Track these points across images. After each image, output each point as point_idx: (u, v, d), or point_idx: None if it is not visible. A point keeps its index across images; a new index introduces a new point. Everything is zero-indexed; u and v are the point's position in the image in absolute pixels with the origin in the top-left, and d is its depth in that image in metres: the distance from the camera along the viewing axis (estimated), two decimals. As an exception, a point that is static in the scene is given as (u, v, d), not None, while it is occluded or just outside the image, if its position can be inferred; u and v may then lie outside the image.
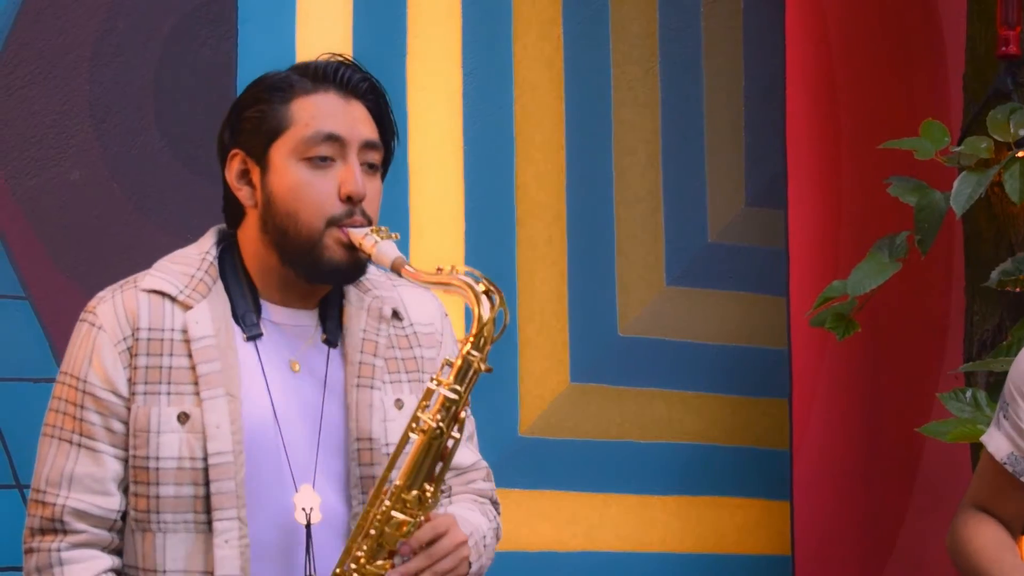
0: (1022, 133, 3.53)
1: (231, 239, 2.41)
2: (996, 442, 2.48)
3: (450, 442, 2.26)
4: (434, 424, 2.24)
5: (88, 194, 3.21)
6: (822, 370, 4.18)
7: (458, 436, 2.26)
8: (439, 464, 2.26)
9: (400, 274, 2.28)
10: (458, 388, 2.25)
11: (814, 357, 4.15)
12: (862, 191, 4.17)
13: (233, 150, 2.38)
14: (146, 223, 3.24)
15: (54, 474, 2.29)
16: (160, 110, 3.28)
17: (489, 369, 2.27)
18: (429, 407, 2.25)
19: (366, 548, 2.24)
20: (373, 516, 2.24)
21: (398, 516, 2.24)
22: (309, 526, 2.28)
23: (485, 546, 2.39)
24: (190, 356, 2.29)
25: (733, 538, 3.95)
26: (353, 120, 2.35)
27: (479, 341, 2.26)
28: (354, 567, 2.24)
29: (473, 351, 2.26)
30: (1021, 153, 3.49)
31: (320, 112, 2.34)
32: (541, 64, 3.75)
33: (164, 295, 2.32)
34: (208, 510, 2.25)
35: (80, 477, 2.28)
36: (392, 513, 2.24)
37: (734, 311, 3.98)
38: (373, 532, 2.24)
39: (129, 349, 2.30)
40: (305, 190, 2.31)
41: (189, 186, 3.26)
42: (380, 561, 2.24)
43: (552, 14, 3.77)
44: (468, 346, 2.26)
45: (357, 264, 2.34)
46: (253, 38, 3.37)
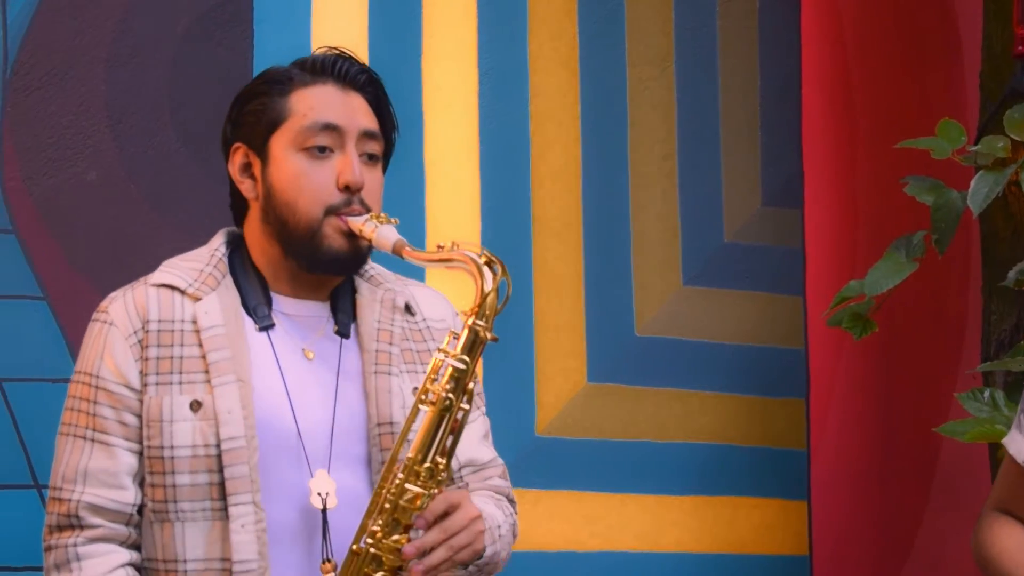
0: (1039, 132, 3.53)
1: (240, 240, 2.43)
2: (1017, 444, 2.47)
3: (460, 414, 2.26)
4: (443, 395, 2.24)
5: (105, 194, 3.22)
6: (839, 370, 4.17)
7: (467, 407, 2.26)
8: (450, 437, 2.26)
9: (401, 256, 2.29)
10: (466, 358, 2.25)
11: (831, 357, 4.14)
12: (878, 191, 4.16)
13: (235, 144, 2.40)
14: (162, 223, 3.25)
15: (69, 471, 2.30)
16: (176, 110, 3.28)
17: (495, 338, 2.27)
18: (438, 379, 2.26)
19: (381, 523, 2.24)
20: (387, 491, 2.25)
21: (412, 489, 2.24)
22: (325, 511, 2.29)
23: (500, 536, 2.39)
24: (200, 345, 2.30)
25: (750, 538, 3.94)
26: (351, 110, 2.37)
27: (483, 312, 2.26)
28: (370, 542, 2.24)
29: (478, 321, 2.26)
30: (1038, 152, 3.48)
31: (318, 103, 2.36)
32: (557, 64, 3.75)
33: (173, 288, 2.35)
34: (224, 496, 2.26)
35: (94, 472, 2.29)
36: (406, 486, 2.24)
37: (751, 311, 3.98)
38: (387, 506, 2.24)
39: (140, 342, 2.31)
40: (303, 180, 2.33)
41: (205, 186, 3.26)
42: (396, 536, 2.24)
43: (568, 14, 3.77)
44: (473, 317, 2.26)
45: (357, 252, 2.35)
46: (269, 39, 3.37)
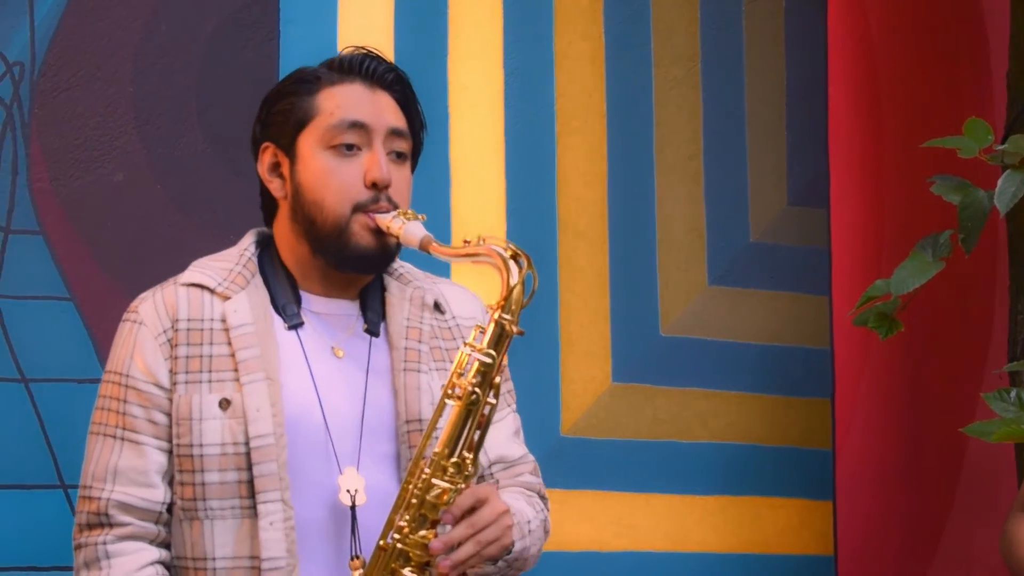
0: (1066, 131, 3.51)
1: (270, 239, 2.44)
2: (1045, 445, 2.47)
3: (486, 408, 2.26)
4: (470, 389, 2.24)
5: (132, 195, 3.22)
6: (865, 370, 4.16)
7: (494, 402, 2.26)
8: (477, 432, 2.26)
9: (428, 252, 2.29)
10: (492, 352, 2.26)
11: (857, 357, 4.13)
12: (905, 190, 4.15)
13: (264, 143, 2.42)
14: (189, 224, 3.26)
15: (99, 469, 2.31)
16: (203, 112, 3.29)
17: (521, 332, 2.27)
18: (464, 374, 2.26)
19: (408, 518, 2.24)
20: (414, 486, 2.25)
21: (439, 484, 2.23)
22: (354, 507, 2.29)
23: (530, 531, 2.38)
24: (229, 344, 2.31)
25: (775, 538, 3.94)
26: (379, 108, 2.38)
27: (509, 305, 2.26)
28: (397, 537, 2.24)
29: (504, 314, 2.26)
30: (1066, 151, 3.46)
31: (345, 101, 2.37)
32: (582, 64, 3.74)
33: (203, 288, 2.36)
34: (253, 494, 2.27)
35: (124, 470, 2.30)
36: (433, 481, 2.23)
37: (776, 311, 3.97)
38: (414, 501, 2.24)
39: (169, 340, 2.33)
40: (331, 177, 2.34)
41: (232, 187, 3.27)
42: (423, 531, 2.24)
43: (593, 14, 3.76)
44: (499, 311, 2.26)
45: (385, 249, 2.36)
46: (295, 40, 3.38)
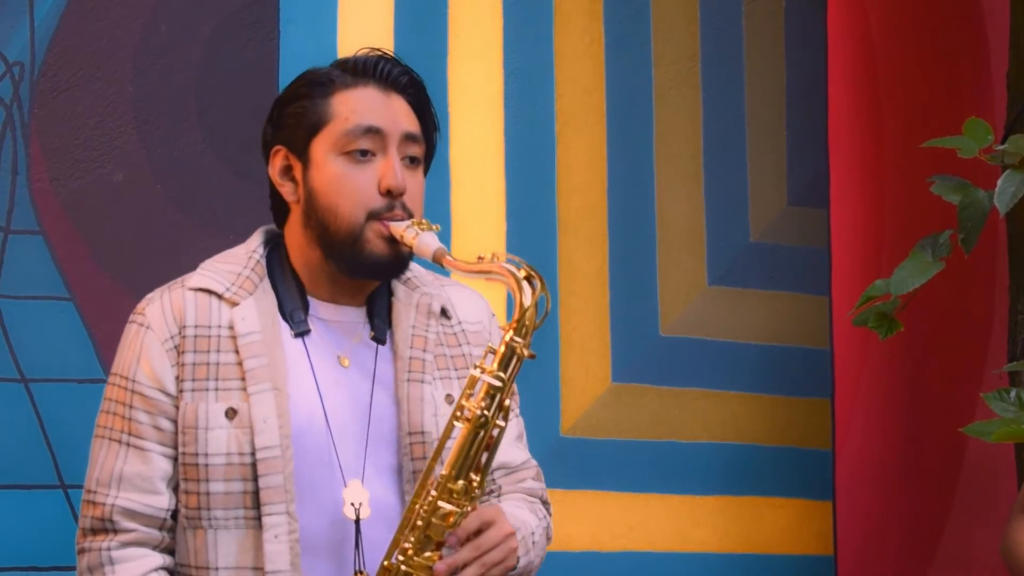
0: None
1: (279, 238, 2.42)
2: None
3: (495, 431, 2.24)
4: (478, 412, 2.22)
5: (131, 195, 3.22)
6: (864, 370, 4.16)
7: (503, 424, 2.24)
8: (485, 453, 2.25)
9: (442, 264, 2.27)
10: (502, 375, 2.24)
11: (856, 357, 4.13)
12: (904, 190, 4.15)
13: (276, 146, 2.39)
14: (189, 224, 3.25)
15: (104, 474, 2.30)
16: (203, 112, 3.29)
17: (532, 355, 2.25)
18: (474, 395, 2.24)
19: (413, 540, 2.23)
20: (420, 507, 2.23)
21: (445, 507, 2.22)
22: (358, 521, 2.28)
23: (534, 543, 2.38)
24: (237, 352, 2.29)
25: (775, 538, 3.94)
26: (393, 113, 2.35)
27: (521, 327, 2.24)
28: (402, 559, 2.23)
29: (516, 337, 2.24)
30: (1066, 151, 3.46)
31: (360, 106, 2.34)
32: (582, 64, 3.74)
33: (211, 293, 2.33)
34: (258, 505, 2.26)
35: (129, 476, 2.29)
36: (439, 504, 2.22)
37: (776, 311, 3.97)
38: (420, 523, 2.23)
39: (176, 347, 2.31)
40: (345, 184, 2.32)
41: (232, 187, 3.27)
42: (428, 553, 2.23)
43: (593, 14, 3.76)
44: (511, 333, 2.24)
45: (399, 257, 2.34)
46: (295, 40, 3.37)
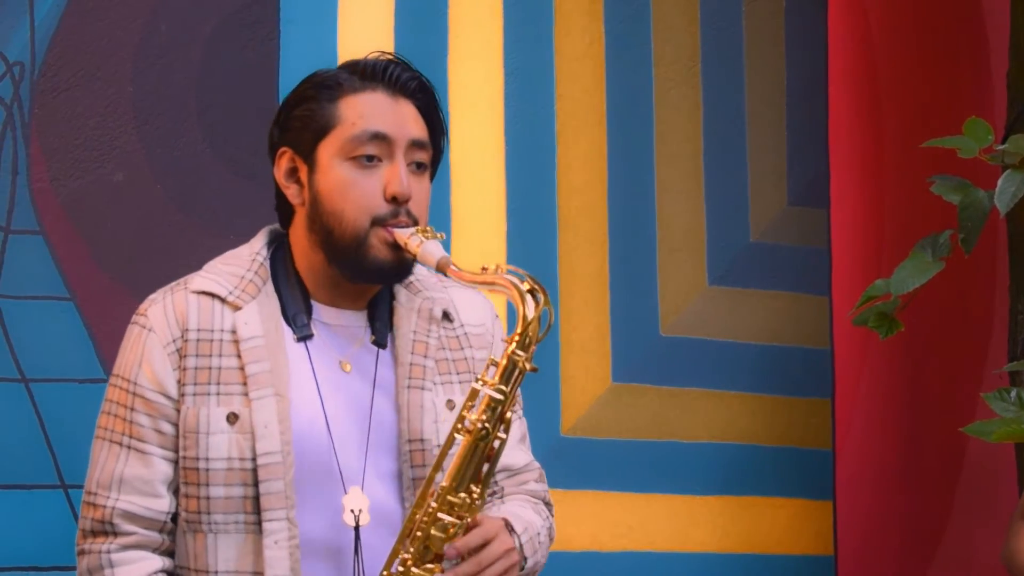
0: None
1: (283, 239, 2.41)
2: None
3: (496, 443, 2.24)
4: (480, 424, 2.22)
5: (131, 195, 3.22)
6: (865, 370, 4.16)
7: (504, 437, 2.24)
8: (485, 465, 2.24)
9: (445, 274, 2.27)
10: (503, 388, 2.23)
11: (857, 357, 4.13)
12: (905, 190, 4.15)
13: (282, 148, 2.38)
14: (189, 224, 3.25)
15: (104, 476, 2.30)
16: (203, 112, 3.28)
17: (534, 369, 2.25)
18: (475, 407, 2.24)
19: (413, 550, 2.23)
20: (420, 518, 2.23)
21: (444, 518, 2.22)
22: (358, 528, 2.27)
23: (540, 543, 2.38)
24: (239, 356, 2.29)
25: (775, 538, 3.94)
26: (401, 119, 2.34)
27: (524, 340, 2.24)
28: (401, 570, 2.23)
29: (518, 351, 2.24)
30: (1066, 151, 3.46)
31: (368, 111, 2.33)
32: (583, 64, 3.74)
33: (214, 296, 2.33)
34: (258, 510, 2.25)
35: (129, 479, 2.29)
36: (439, 515, 2.22)
37: (776, 310, 3.97)
38: (419, 534, 2.22)
39: (178, 350, 2.30)
40: (351, 189, 2.31)
41: (232, 187, 3.27)
42: (428, 564, 2.23)
43: (593, 14, 3.76)
44: (513, 345, 2.24)
45: (402, 264, 2.33)
46: (295, 40, 3.37)
